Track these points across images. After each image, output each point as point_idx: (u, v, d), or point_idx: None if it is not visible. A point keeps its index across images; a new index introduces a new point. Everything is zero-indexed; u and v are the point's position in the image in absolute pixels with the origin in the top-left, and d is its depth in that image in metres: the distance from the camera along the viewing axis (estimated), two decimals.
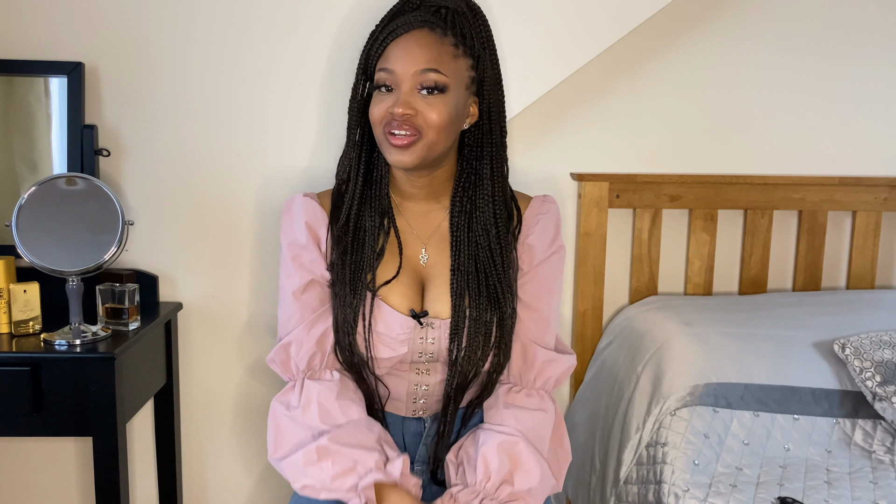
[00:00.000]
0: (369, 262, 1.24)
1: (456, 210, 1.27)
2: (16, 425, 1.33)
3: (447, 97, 1.18)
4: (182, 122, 1.56)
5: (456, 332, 1.24)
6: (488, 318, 1.24)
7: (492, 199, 1.26)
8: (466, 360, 1.24)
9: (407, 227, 1.29)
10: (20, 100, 1.52)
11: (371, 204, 1.27)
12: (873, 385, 1.53)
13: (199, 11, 1.52)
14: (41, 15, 1.51)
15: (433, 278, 1.27)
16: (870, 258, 1.94)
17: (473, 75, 1.23)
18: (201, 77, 1.55)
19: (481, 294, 1.24)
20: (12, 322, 1.40)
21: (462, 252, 1.25)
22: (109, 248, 1.35)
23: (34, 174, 1.53)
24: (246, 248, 1.62)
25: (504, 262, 1.26)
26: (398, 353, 1.25)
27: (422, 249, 1.29)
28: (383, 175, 1.28)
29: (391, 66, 1.19)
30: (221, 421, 1.70)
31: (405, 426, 1.34)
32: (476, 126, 1.26)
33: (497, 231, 1.26)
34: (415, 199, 1.29)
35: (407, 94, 1.18)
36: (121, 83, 1.54)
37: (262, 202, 1.60)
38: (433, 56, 1.18)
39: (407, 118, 1.17)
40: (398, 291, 1.25)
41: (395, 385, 1.30)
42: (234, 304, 1.64)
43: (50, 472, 1.72)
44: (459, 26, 1.21)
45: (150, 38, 1.53)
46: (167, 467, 1.66)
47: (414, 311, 1.24)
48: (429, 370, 1.29)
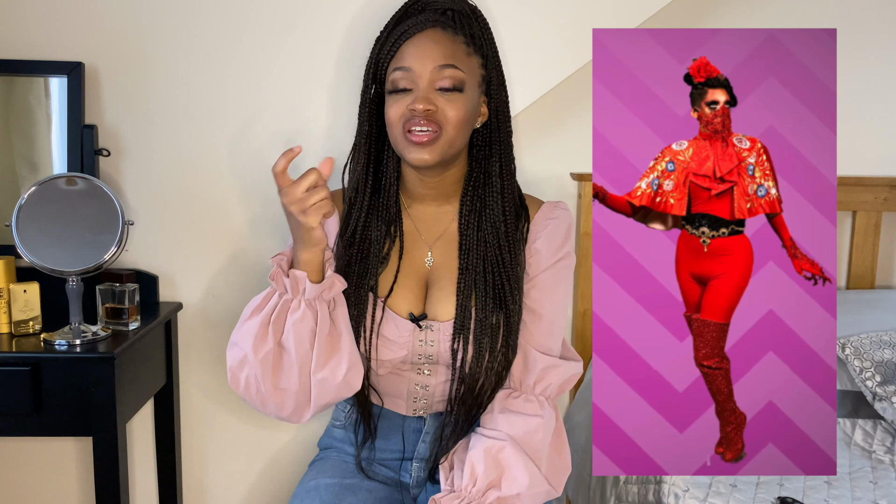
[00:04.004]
0: (373, 271, 1.25)
1: (466, 209, 1.27)
2: (16, 425, 1.33)
3: (465, 94, 1.20)
4: (182, 123, 1.56)
5: (461, 332, 1.23)
6: (494, 321, 1.23)
7: (501, 195, 1.26)
8: (475, 363, 1.23)
9: (414, 231, 1.30)
10: (20, 100, 1.53)
11: (378, 213, 1.27)
12: (873, 385, 1.54)
13: (200, 11, 1.52)
14: (41, 15, 1.51)
15: (437, 281, 1.27)
16: (870, 258, 1.94)
17: (483, 74, 1.25)
18: (201, 77, 1.55)
19: (488, 295, 1.24)
20: (12, 322, 1.40)
21: (472, 251, 1.25)
22: (109, 248, 1.35)
23: (34, 174, 1.53)
24: (246, 249, 1.62)
25: (513, 259, 1.25)
26: (397, 355, 1.25)
27: (428, 252, 1.29)
28: (392, 182, 1.28)
29: (407, 65, 1.19)
30: (221, 421, 1.70)
31: (405, 424, 1.34)
32: (484, 126, 1.27)
33: (506, 228, 1.26)
34: (425, 201, 1.30)
35: (426, 91, 1.19)
36: (121, 83, 1.54)
37: (263, 202, 1.60)
38: (450, 52, 1.20)
39: (429, 114, 1.18)
40: (400, 294, 1.26)
41: (396, 384, 1.30)
42: (234, 304, 1.64)
43: (50, 472, 1.72)
44: (468, 26, 1.23)
45: (149, 38, 1.53)
46: (167, 467, 1.66)
47: (413, 314, 1.25)
48: (430, 371, 1.29)
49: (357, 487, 1.30)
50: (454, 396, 1.26)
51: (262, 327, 1.16)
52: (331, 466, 1.35)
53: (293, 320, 1.15)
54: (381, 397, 1.31)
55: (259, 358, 1.16)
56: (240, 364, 1.19)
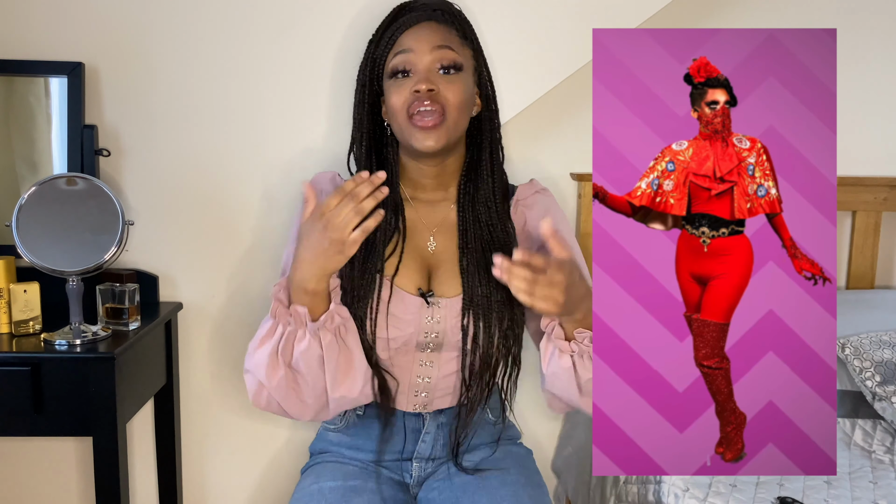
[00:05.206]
0: (380, 254, 1.27)
1: (462, 193, 1.33)
2: (16, 425, 1.33)
3: (463, 76, 1.26)
4: (182, 122, 1.56)
5: (470, 307, 1.27)
6: (499, 297, 1.27)
7: (491, 177, 1.33)
8: (486, 339, 1.26)
9: (416, 217, 1.34)
10: (20, 100, 1.53)
11: (383, 203, 1.28)
12: (873, 385, 1.54)
13: (200, 11, 1.52)
14: (41, 15, 1.51)
15: (441, 263, 1.31)
16: (870, 258, 1.94)
17: (475, 64, 1.32)
18: (202, 77, 1.55)
19: (489, 271, 1.26)
20: (12, 322, 1.40)
21: (469, 231, 1.31)
22: (109, 248, 1.35)
23: (34, 174, 1.53)
24: (246, 249, 1.62)
25: (506, 235, 1.32)
26: (405, 332, 1.27)
27: (430, 238, 1.33)
28: (395, 173, 1.33)
29: (407, 47, 1.25)
30: (221, 421, 1.70)
31: (406, 421, 1.35)
32: (476, 118, 1.34)
33: (497, 207, 1.32)
34: (425, 190, 1.35)
35: (427, 73, 1.23)
36: (121, 83, 1.54)
37: (263, 202, 1.60)
38: (446, 37, 1.26)
39: (431, 95, 1.22)
40: (405, 274, 1.29)
41: (398, 375, 1.31)
42: (234, 304, 1.64)
43: (50, 472, 1.72)
44: (458, 22, 1.30)
45: (150, 37, 1.53)
46: (167, 467, 1.66)
47: (421, 289, 1.28)
48: (432, 362, 1.29)
49: (362, 489, 1.29)
50: (468, 374, 1.29)
51: (272, 357, 1.18)
52: (331, 470, 1.35)
53: (300, 350, 1.17)
54: (395, 378, 1.32)
55: (274, 385, 1.19)
56: (258, 389, 1.22)
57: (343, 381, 1.21)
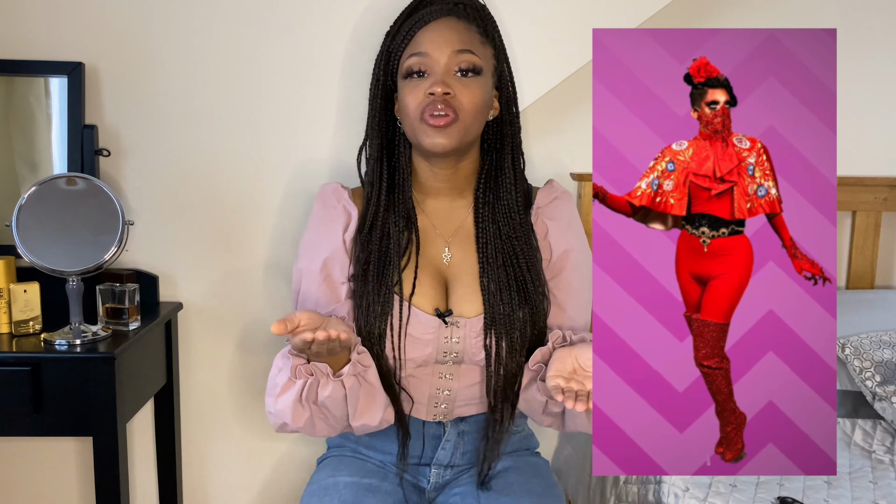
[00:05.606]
0: (396, 265, 1.24)
1: (480, 202, 1.28)
2: (16, 425, 1.33)
3: (481, 80, 1.21)
4: (182, 122, 1.56)
5: (492, 327, 1.23)
6: (521, 316, 1.24)
7: (514, 187, 1.29)
8: (509, 359, 1.24)
9: (430, 226, 1.30)
10: (20, 100, 1.52)
11: (395, 209, 1.27)
12: (873, 385, 1.54)
13: (200, 11, 1.52)
14: (41, 15, 1.51)
15: (458, 277, 1.27)
16: (870, 258, 1.94)
17: (496, 64, 1.27)
18: (202, 77, 1.55)
19: (511, 289, 1.24)
20: (12, 322, 1.40)
21: (489, 245, 1.26)
22: (109, 248, 1.35)
23: (34, 174, 1.53)
24: (246, 248, 1.62)
25: (529, 250, 1.27)
26: (423, 353, 1.24)
27: (445, 248, 1.29)
28: (406, 177, 1.29)
29: (424, 49, 1.20)
30: (221, 421, 1.70)
31: (425, 429, 1.33)
32: (495, 120, 1.29)
33: (520, 219, 1.28)
34: (438, 196, 1.30)
35: (443, 75, 1.19)
36: (121, 83, 1.54)
37: (263, 202, 1.60)
38: (466, 39, 1.21)
39: (446, 98, 1.18)
40: (421, 292, 1.25)
41: (417, 387, 1.29)
42: (234, 304, 1.64)
43: (50, 472, 1.72)
44: (480, 18, 1.25)
45: (150, 37, 1.53)
46: (167, 467, 1.66)
47: (439, 310, 1.24)
48: (452, 374, 1.28)
49: (376, 489, 1.28)
50: (495, 393, 1.26)
51: (296, 404, 1.17)
52: (347, 465, 1.34)
53: (324, 395, 1.16)
54: (410, 396, 1.31)
55: (301, 424, 1.19)
56: (282, 426, 1.22)
57: (364, 412, 1.20)
